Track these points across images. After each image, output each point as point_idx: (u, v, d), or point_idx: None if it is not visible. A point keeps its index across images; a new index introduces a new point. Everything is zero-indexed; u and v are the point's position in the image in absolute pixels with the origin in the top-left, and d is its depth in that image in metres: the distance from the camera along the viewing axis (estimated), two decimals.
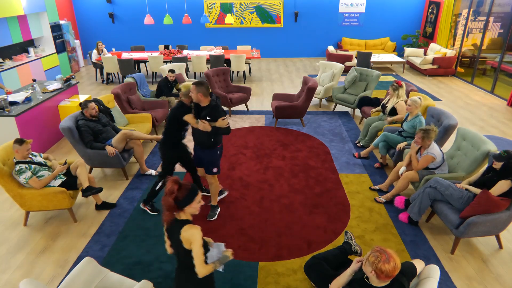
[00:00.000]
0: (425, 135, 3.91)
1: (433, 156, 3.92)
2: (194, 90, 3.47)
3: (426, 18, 12.05)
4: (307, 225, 3.91)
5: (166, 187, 2.04)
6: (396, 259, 2.06)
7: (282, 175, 4.89)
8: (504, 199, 3.25)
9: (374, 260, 2.07)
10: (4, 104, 5.05)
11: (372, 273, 2.09)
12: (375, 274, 2.08)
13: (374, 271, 2.08)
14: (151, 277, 3.20)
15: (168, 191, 2.03)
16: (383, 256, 2.05)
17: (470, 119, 7.05)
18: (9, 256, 3.51)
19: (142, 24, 11.96)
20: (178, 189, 2.04)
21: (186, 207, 2.08)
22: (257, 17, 12.10)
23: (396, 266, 2.05)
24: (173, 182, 2.03)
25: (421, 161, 3.97)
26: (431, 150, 3.95)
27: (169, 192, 2.02)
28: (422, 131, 3.94)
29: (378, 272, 2.06)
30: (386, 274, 2.04)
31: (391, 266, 2.03)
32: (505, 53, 8.39)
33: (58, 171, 3.84)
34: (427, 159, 3.95)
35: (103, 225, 3.92)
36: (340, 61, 10.16)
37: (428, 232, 3.83)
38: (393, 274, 2.05)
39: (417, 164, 4.01)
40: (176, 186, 2.03)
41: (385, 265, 2.03)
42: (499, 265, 3.41)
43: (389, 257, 2.04)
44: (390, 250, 2.09)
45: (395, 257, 2.06)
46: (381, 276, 2.06)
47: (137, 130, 5.06)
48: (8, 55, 8.37)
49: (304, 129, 6.46)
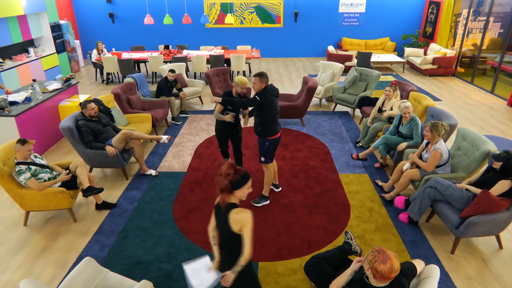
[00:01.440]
0: (433, 128, 3.92)
1: (440, 152, 3.91)
2: (258, 81, 3.72)
3: (426, 18, 12.05)
4: (307, 225, 3.91)
5: (223, 169, 2.16)
6: (394, 262, 2.05)
7: (282, 175, 4.89)
8: (504, 199, 3.25)
9: (371, 259, 2.09)
10: (4, 104, 5.05)
11: (369, 272, 2.11)
12: (372, 273, 2.09)
13: (370, 270, 2.09)
14: (151, 277, 3.20)
15: (224, 173, 2.14)
16: (381, 256, 2.05)
17: (470, 119, 7.05)
18: (9, 256, 3.51)
19: (142, 24, 11.96)
20: (233, 172, 2.15)
21: (237, 191, 2.18)
22: (257, 17, 12.10)
23: (393, 269, 2.03)
24: (229, 165, 2.16)
25: (430, 158, 3.95)
26: (439, 145, 3.94)
27: (224, 174, 2.14)
28: (431, 123, 3.96)
29: (374, 271, 2.07)
30: (381, 275, 2.04)
31: (387, 268, 2.02)
32: (505, 53, 8.39)
33: (61, 179, 3.82)
34: (435, 155, 3.92)
35: (103, 225, 3.92)
36: (340, 61, 10.16)
37: (428, 232, 3.83)
38: (389, 275, 2.04)
39: (426, 164, 4.00)
40: (232, 169, 2.15)
41: (381, 265, 2.03)
42: (499, 265, 3.41)
43: (387, 259, 2.04)
44: (390, 252, 2.08)
45: (394, 260, 2.05)
46: (376, 276, 2.07)
47: (137, 130, 5.06)
48: (8, 55, 8.37)
49: (304, 129, 6.46)
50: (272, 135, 3.88)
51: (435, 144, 3.97)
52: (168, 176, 4.90)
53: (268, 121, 3.81)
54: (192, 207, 4.21)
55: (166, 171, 5.02)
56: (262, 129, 3.86)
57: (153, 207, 4.22)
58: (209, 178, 4.83)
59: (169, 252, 3.51)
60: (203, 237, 3.71)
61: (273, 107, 3.82)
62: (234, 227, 2.15)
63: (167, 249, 3.55)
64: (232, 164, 2.19)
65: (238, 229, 2.15)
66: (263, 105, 3.76)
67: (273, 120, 3.86)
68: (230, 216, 2.15)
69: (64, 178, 3.83)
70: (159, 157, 5.45)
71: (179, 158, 5.40)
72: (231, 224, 2.15)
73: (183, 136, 6.19)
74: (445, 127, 3.96)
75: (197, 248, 3.56)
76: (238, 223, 2.14)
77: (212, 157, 5.41)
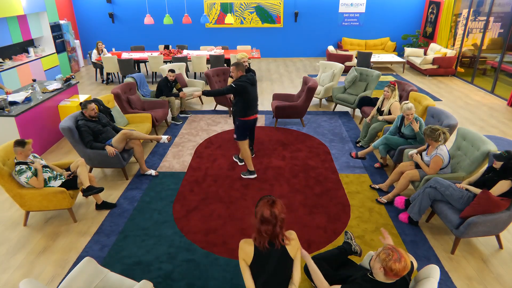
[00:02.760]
0: (431, 135, 3.90)
1: (442, 157, 3.90)
2: (235, 69, 4.43)
3: (426, 18, 12.05)
4: (307, 225, 3.91)
5: (275, 211, 2.05)
6: (407, 260, 2.06)
7: (282, 175, 4.89)
8: (504, 199, 3.25)
9: (385, 257, 2.07)
10: (4, 104, 5.05)
11: (381, 270, 2.09)
12: (384, 271, 2.08)
13: (383, 268, 2.07)
14: (151, 277, 3.20)
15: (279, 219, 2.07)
16: (395, 255, 2.05)
17: (470, 119, 7.05)
18: (9, 256, 3.50)
19: (142, 24, 11.96)
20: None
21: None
22: (257, 17, 12.10)
23: (407, 266, 2.05)
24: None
25: (432, 165, 3.95)
26: (440, 151, 3.93)
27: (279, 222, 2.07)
28: (429, 130, 3.92)
29: (388, 270, 2.05)
30: (395, 273, 2.04)
31: (402, 266, 2.03)
32: (505, 53, 8.39)
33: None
34: (437, 161, 3.91)
35: (103, 225, 3.92)
36: (340, 61, 10.16)
37: (428, 232, 3.83)
38: (401, 273, 2.05)
39: (428, 169, 3.99)
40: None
41: (396, 263, 2.03)
42: (499, 265, 3.41)
43: (401, 257, 2.04)
44: (402, 250, 2.09)
45: (406, 258, 2.07)
46: (389, 274, 2.06)
47: (137, 130, 5.06)
48: (8, 55, 8.37)
49: (304, 129, 6.46)
50: (242, 116, 4.52)
51: (436, 149, 3.96)
52: (168, 176, 4.90)
53: (241, 104, 4.46)
54: (192, 207, 4.21)
55: (166, 171, 5.02)
56: (235, 111, 4.55)
57: (153, 207, 4.22)
58: (209, 178, 4.83)
59: (169, 252, 3.51)
60: (203, 237, 3.71)
61: (248, 94, 4.41)
62: (292, 253, 2.14)
63: (167, 249, 3.55)
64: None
65: (294, 254, 2.16)
66: (238, 91, 4.34)
67: (247, 105, 4.49)
68: (292, 244, 2.14)
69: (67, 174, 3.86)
70: (159, 157, 5.45)
71: (179, 158, 5.40)
72: (290, 252, 2.13)
73: (183, 136, 6.19)
74: (446, 135, 3.91)
75: (197, 248, 3.56)
76: (294, 248, 2.16)
77: (212, 157, 5.41)
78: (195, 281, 3.16)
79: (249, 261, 2.09)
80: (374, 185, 4.61)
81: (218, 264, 3.35)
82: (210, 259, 3.42)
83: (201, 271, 3.27)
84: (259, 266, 2.12)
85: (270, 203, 2.04)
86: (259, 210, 2.04)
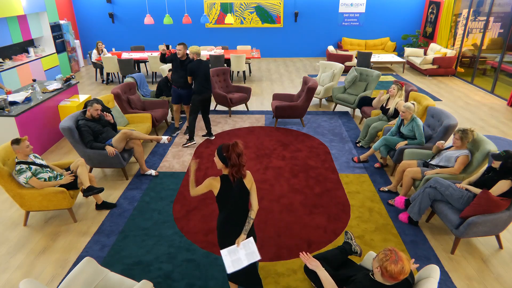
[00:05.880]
0: (463, 136, 3.90)
1: (468, 155, 3.90)
2: (182, 48, 5.57)
3: (426, 18, 12.05)
4: (307, 225, 3.91)
5: (240, 148, 2.47)
6: (405, 264, 2.03)
7: (282, 175, 4.89)
8: (504, 199, 3.25)
9: (383, 257, 2.07)
10: (4, 104, 5.05)
11: (378, 270, 2.09)
12: (380, 271, 2.08)
13: (379, 268, 2.08)
14: (151, 277, 3.20)
15: (240, 152, 2.49)
16: (393, 256, 2.04)
17: (470, 119, 7.05)
18: (9, 256, 3.51)
19: (142, 24, 11.97)
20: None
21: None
22: (257, 17, 12.10)
23: (404, 271, 2.02)
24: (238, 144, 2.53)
25: (458, 164, 3.92)
26: (466, 150, 3.94)
27: (240, 153, 2.48)
28: (461, 131, 3.91)
29: (383, 270, 2.05)
30: (390, 275, 2.03)
31: (398, 268, 2.01)
32: (505, 53, 8.39)
33: (65, 181, 3.83)
34: (464, 160, 3.90)
35: (103, 225, 3.92)
36: (340, 61, 10.16)
37: (428, 232, 3.83)
38: (398, 277, 2.03)
39: (453, 170, 3.96)
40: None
41: (392, 265, 2.02)
42: (499, 265, 3.41)
43: (399, 259, 2.03)
44: (403, 254, 2.08)
45: (405, 262, 2.04)
46: (385, 275, 2.06)
47: (137, 130, 5.06)
48: (8, 55, 8.37)
49: (304, 129, 6.46)
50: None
51: (460, 150, 3.95)
52: (168, 176, 4.90)
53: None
54: (192, 207, 4.21)
55: (166, 171, 5.02)
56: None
57: (153, 207, 4.22)
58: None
59: (169, 252, 3.51)
60: (203, 237, 3.71)
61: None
62: (248, 185, 2.59)
63: (167, 249, 3.55)
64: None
65: (250, 186, 2.61)
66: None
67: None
68: (247, 177, 2.60)
69: (68, 179, 3.84)
70: (159, 157, 5.45)
71: (179, 158, 5.40)
72: (247, 184, 2.58)
73: (183, 136, 6.19)
74: (473, 133, 3.93)
75: (197, 248, 3.56)
76: (250, 181, 2.61)
77: (212, 157, 5.41)
78: (195, 281, 3.16)
79: (216, 191, 2.55)
80: (383, 188, 4.59)
81: (218, 264, 3.35)
82: (210, 259, 3.42)
83: (201, 271, 3.27)
84: (225, 197, 2.57)
85: (235, 144, 2.47)
86: (231, 152, 2.44)
